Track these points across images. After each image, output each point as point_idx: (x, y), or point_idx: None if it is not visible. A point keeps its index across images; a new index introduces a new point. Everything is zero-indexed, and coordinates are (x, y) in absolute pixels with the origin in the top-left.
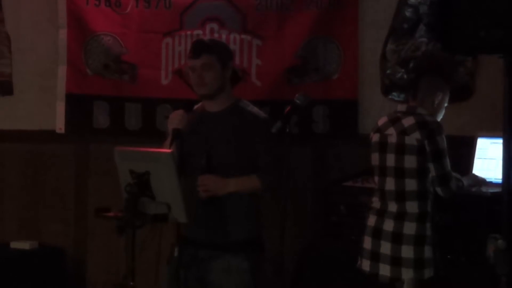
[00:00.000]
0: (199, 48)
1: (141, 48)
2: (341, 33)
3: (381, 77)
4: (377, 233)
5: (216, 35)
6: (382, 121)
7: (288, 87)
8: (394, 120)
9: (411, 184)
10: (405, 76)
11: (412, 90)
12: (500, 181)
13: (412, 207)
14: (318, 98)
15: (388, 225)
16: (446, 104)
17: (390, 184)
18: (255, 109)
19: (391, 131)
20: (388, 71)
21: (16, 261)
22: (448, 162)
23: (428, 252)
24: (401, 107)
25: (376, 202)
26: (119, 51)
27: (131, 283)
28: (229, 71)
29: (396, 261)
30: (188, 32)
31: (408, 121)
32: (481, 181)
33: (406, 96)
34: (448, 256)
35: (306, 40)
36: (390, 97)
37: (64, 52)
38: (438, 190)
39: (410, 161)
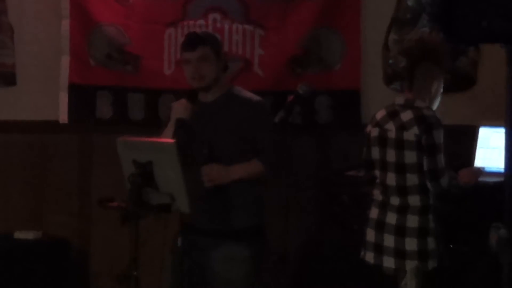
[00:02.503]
0: (194, 40)
1: (144, 39)
2: (344, 23)
3: (383, 67)
4: (380, 226)
5: (218, 25)
6: (380, 114)
7: (291, 78)
8: (393, 114)
9: (412, 179)
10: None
11: (408, 80)
12: (502, 170)
13: (414, 200)
14: (321, 89)
15: (391, 218)
16: (441, 90)
17: (391, 179)
18: (248, 94)
19: (390, 126)
20: (390, 61)
21: (19, 251)
22: (442, 158)
23: (431, 243)
24: (399, 100)
25: (377, 195)
26: (122, 42)
27: (135, 273)
28: (222, 61)
29: (400, 254)
30: (191, 22)
31: (406, 116)
32: (478, 174)
33: (402, 86)
34: (451, 246)
35: (309, 31)
36: (392, 87)
37: (67, 43)
38: (429, 184)
39: (410, 157)
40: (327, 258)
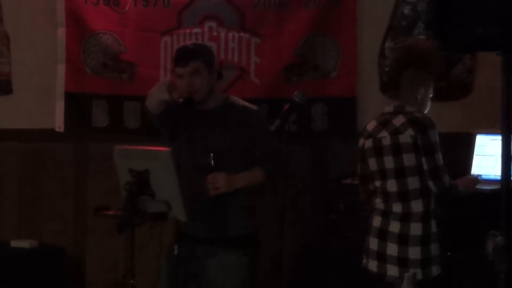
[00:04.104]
0: (185, 55)
1: (140, 47)
2: (340, 30)
3: (379, 74)
4: (383, 235)
5: (214, 33)
6: (371, 125)
7: (287, 85)
8: (384, 122)
9: (413, 182)
10: None
11: (394, 88)
12: (499, 178)
13: (417, 205)
14: (317, 96)
15: (394, 227)
16: (431, 95)
17: (392, 185)
18: (245, 103)
19: (384, 133)
20: (386, 69)
21: (16, 260)
22: (440, 157)
23: (434, 250)
24: (388, 108)
25: (379, 203)
26: (118, 50)
27: (131, 281)
28: (216, 73)
29: (403, 263)
30: (187, 31)
31: (399, 120)
32: (475, 182)
33: (389, 95)
34: (448, 253)
35: (305, 38)
36: (389, 94)
37: (63, 51)
38: (431, 184)
39: (409, 159)
40: (323, 266)
